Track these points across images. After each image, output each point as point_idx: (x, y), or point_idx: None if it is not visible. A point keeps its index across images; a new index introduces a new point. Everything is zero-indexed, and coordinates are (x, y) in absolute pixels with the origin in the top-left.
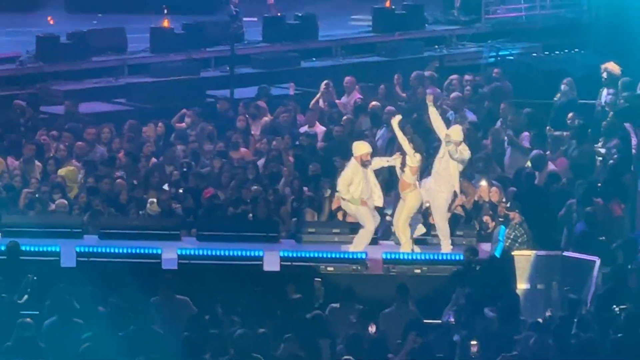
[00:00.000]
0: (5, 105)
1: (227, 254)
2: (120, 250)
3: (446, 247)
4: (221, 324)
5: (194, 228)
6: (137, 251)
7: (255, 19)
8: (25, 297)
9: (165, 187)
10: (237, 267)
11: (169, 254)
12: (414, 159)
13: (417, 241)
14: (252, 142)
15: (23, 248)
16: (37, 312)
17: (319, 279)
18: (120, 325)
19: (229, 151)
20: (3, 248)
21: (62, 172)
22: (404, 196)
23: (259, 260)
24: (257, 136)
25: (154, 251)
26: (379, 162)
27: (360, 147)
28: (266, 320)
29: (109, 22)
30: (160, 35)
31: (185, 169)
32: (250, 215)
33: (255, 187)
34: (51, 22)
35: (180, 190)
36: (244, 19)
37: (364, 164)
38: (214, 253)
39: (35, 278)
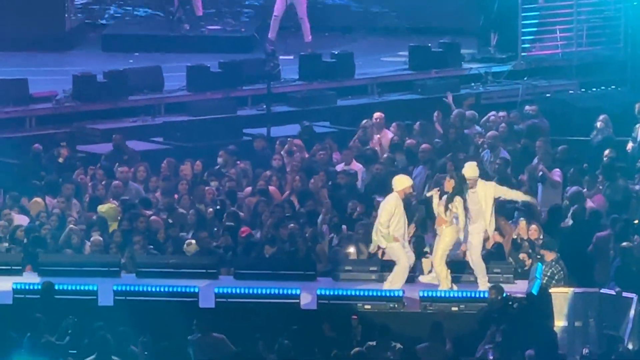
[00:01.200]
0: (43, 144)
1: (264, 292)
2: (158, 289)
3: (483, 284)
4: None
5: (232, 266)
6: (175, 289)
7: (292, 57)
8: (67, 338)
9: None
10: (274, 306)
11: (207, 292)
12: (455, 203)
13: (454, 279)
14: (289, 180)
15: (60, 287)
16: (75, 352)
17: (356, 317)
18: None
19: (266, 189)
20: (39, 288)
21: (102, 209)
22: (440, 232)
23: (296, 298)
24: (293, 174)
25: (192, 289)
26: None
27: (403, 181)
28: (303, 358)
29: (145, 61)
30: (197, 73)
31: (218, 207)
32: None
33: (292, 225)
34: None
35: (216, 229)
36: (281, 57)
37: (407, 198)
38: (251, 291)
39: (76, 320)
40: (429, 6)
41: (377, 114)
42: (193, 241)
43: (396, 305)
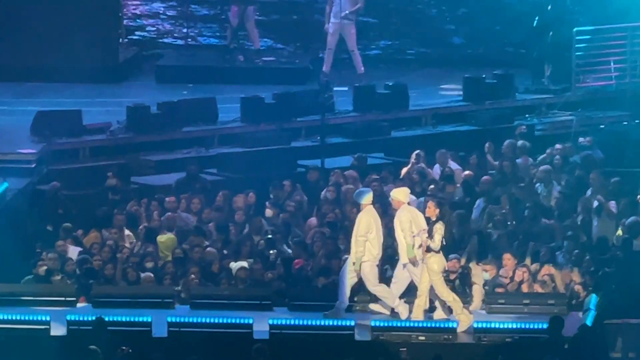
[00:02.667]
0: (96, 176)
1: (318, 323)
2: (212, 320)
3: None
4: None
5: (285, 298)
6: (229, 321)
7: (346, 88)
8: None
9: None
10: (329, 337)
11: (261, 324)
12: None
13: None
14: (347, 212)
15: (114, 318)
16: None
17: (405, 349)
18: None
19: (335, 222)
20: (92, 319)
21: (161, 239)
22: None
23: (351, 330)
24: (349, 205)
25: (246, 321)
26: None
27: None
28: None
29: (199, 92)
30: (251, 104)
31: (270, 237)
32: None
33: (346, 256)
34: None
35: (271, 259)
36: (335, 88)
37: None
38: (305, 323)
39: (130, 351)
40: (483, 38)
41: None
42: (244, 263)
43: (450, 337)
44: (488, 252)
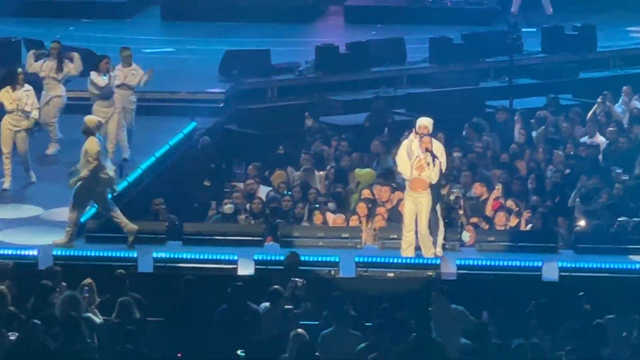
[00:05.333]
0: (284, 116)
1: (505, 264)
2: (398, 261)
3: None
4: (499, 334)
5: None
6: (415, 262)
7: (534, 29)
8: (309, 304)
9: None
10: (516, 278)
11: (447, 265)
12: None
13: None
14: (534, 153)
15: (302, 258)
16: (317, 322)
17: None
18: (402, 334)
19: (510, 163)
20: (281, 259)
21: (360, 172)
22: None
23: (538, 270)
24: (538, 146)
25: (432, 262)
26: None
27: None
28: (543, 331)
29: (388, 33)
30: (440, 45)
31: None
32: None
33: (535, 197)
34: None
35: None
36: (523, 29)
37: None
38: (492, 263)
39: (305, 282)
40: None
41: (625, 88)
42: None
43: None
44: None
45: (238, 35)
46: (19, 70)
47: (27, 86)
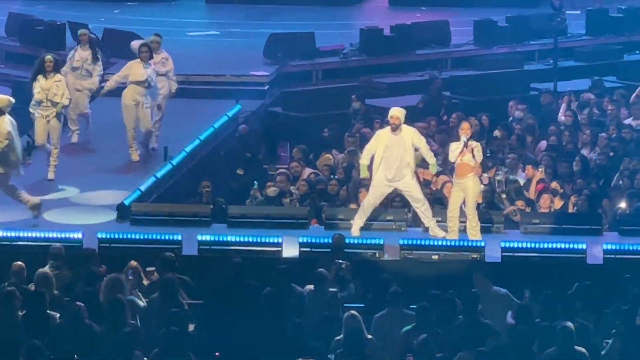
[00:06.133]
0: (329, 98)
1: (550, 246)
2: (443, 243)
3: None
4: (543, 316)
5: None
6: (460, 244)
7: (579, 11)
8: (353, 287)
9: None
10: (560, 260)
11: (492, 248)
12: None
13: None
14: (579, 135)
15: (348, 241)
16: (362, 305)
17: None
18: (449, 316)
19: (557, 145)
20: (326, 242)
21: None
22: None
23: (582, 253)
24: (584, 128)
25: (477, 244)
26: None
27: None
28: (587, 313)
29: (432, 16)
30: (484, 28)
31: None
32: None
33: (579, 180)
34: None
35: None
36: (567, 12)
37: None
38: (537, 246)
39: (348, 264)
40: None
41: None
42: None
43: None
44: None
45: (282, 18)
46: (48, 57)
47: (58, 76)
